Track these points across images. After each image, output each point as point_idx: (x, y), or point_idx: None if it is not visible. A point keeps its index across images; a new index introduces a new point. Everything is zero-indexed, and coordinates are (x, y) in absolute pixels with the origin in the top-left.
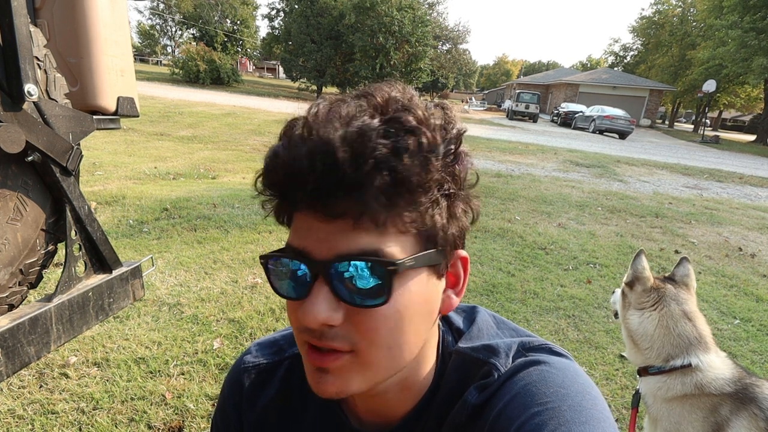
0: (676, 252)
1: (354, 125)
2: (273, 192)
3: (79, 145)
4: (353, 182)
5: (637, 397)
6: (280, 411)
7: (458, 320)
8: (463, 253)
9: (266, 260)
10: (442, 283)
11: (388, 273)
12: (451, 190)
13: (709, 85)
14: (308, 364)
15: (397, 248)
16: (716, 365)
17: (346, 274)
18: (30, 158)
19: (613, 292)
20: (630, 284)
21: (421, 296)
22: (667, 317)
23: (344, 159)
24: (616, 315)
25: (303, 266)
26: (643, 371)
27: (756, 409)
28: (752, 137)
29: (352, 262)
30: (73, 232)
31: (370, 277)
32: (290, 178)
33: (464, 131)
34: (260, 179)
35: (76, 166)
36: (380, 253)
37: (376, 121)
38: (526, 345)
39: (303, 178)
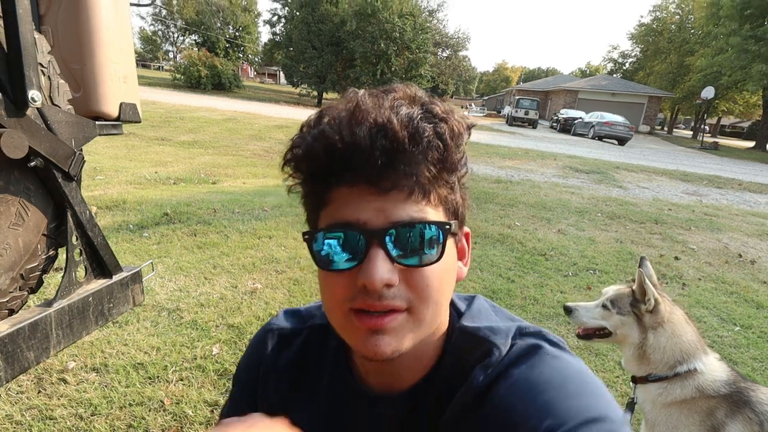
0: (676, 258)
1: (402, 111)
2: (319, 171)
3: (81, 150)
4: (412, 158)
5: (632, 405)
6: (297, 376)
7: (460, 303)
8: (467, 228)
9: (313, 235)
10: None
11: (444, 234)
12: (464, 172)
13: (708, 92)
14: (359, 330)
15: (437, 218)
16: (715, 367)
17: (405, 239)
18: (33, 164)
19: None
20: (653, 309)
21: (453, 258)
22: (677, 326)
23: (404, 138)
24: (605, 332)
25: (360, 236)
26: (642, 379)
27: (750, 413)
28: (751, 144)
29: (415, 226)
30: (74, 237)
31: (426, 239)
32: (349, 156)
33: (473, 125)
34: (297, 160)
35: (78, 171)
36: (426, 220)
37: (416, 109)
38: (523, 330)
39: (364, 155)
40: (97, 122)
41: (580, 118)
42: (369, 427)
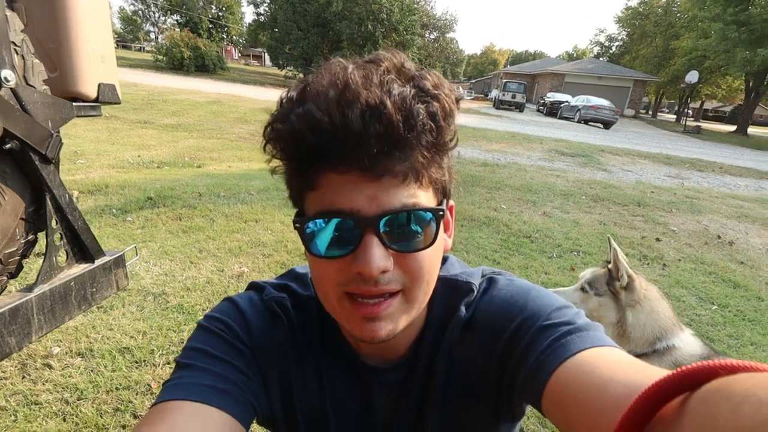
0: (657, 240)
1: (395, 92)
2: (306, 154)
3: (58, 132)
4: (407, 143)
5: None
6: (297, 349)
7: None
8: (452, 202)
9: (304, 223)
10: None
11: (437, 219)
12: (451, 147)
13: (692, 76)
14: (354, 316)
15: (427, 200)
16: (690, 342)
17: (399, 225)
18: (8, 146)
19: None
20: (627, 286)
21: (442, 237)
22: (654, 302)
23: (398, 122)
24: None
25: (351, 223)
26: None
27: None
28: (733, 128)
29: (409, 213)
30: (53, 221)
31: (420, 225)
32: (340, 141)
33: (462, 97)
34: (281, 140)
35: (55, 154)
36: (419, 206)
37: (408, 88)
38: (485, 272)
39: (357, 141)
40: (74, 103)
41: (567, 101)
42: (371, 395)
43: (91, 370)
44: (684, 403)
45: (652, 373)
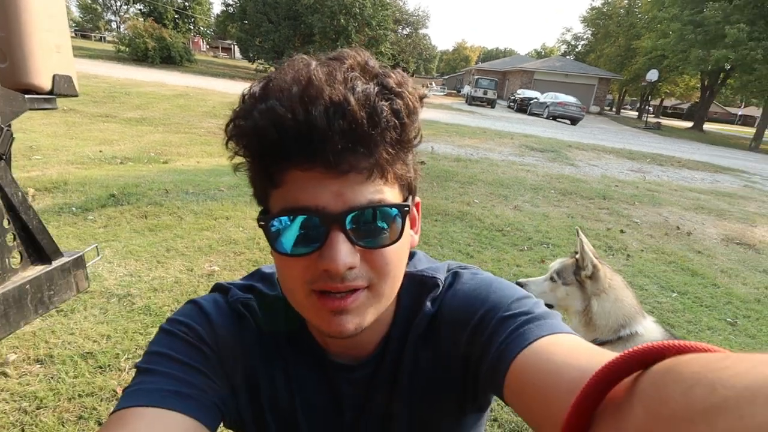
0: (621, 231)
1: (358, 89)
2: (269, 151)
3: (9, 126)
4: (371, 139)
5: None
6: (264, 349)
7: None
8: (417, 198)
9: (269, 221)
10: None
11: (402, 214)
12: (415, 144)
13: (652, 75)
14: (321, 310)
15: (392, 196)
16: (652, 329)
17: (365, 222)
18: None
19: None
20: (592, 275)
21: (408, 233)
22: (618, 291)
23: (362, 119)
24: (549, 307)
25: (317, 220)
26: None
27: None
28: (690, 124)
29: (374, 210)
30: (5, 221)
31: (386, 221)
32: (304, 137)
33: (425, 95)
34: (243, 136)
35: (6, 149)
36: (384, 202)
37: (372, 85)
38: (450, 266)
39: (322, 137)
40: (27, 96)
41: (536, 98)
42: (340, 393)
43: (51, 377)
44: (634, 384)
45: (605, 357)
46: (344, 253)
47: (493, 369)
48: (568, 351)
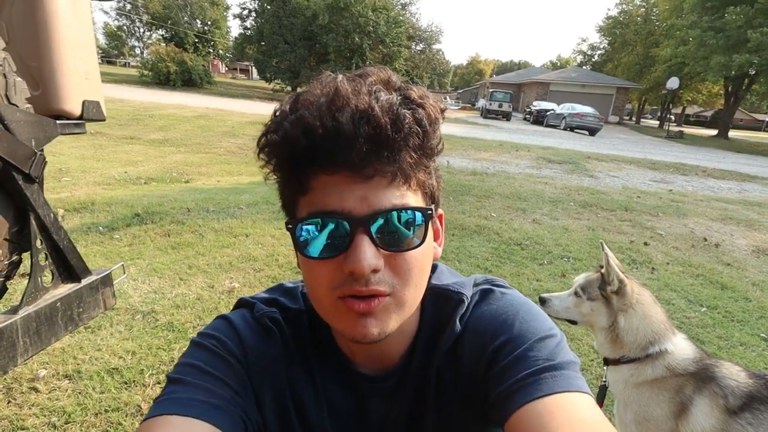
0: (645, 244)
1: (382, 98)
2: (299, 157)
3: (42, 151)
4: (395, 144)
5: (604, 389)
6: (291, 362)
7: None
8: (440, 210)
9: (296, 224)
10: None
11: (426, 219)
12: (438, 152)
13: (673, 83)
14: (347, 314)
15: (416, 202)
16: (683, 346)
17: (389, 225)
18: None
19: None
20: (618, 290)
21: (431, 241)
22: (646, 307)
23: (386, 124)
24: (573, 323)
25: (345, 224)
26: (614, 361)
27: (716, 388)
28: (714, 132)
29: (398, 213)
30: (38, 242)
31: (410, 225)
32: (332, 142)
33: (446, 108)
34: (274, 146)
35: (39, 172)
36: (408, 206)
37: (395, 95)
38: (476, 280)
39: (348, 141)
40: (58, 121)
41: (552, 109)
42: (366, 403)
43: (79, 393)
44: None
45: None
46: (369, 255)
47: (499, 405)
48: (564, 422)
